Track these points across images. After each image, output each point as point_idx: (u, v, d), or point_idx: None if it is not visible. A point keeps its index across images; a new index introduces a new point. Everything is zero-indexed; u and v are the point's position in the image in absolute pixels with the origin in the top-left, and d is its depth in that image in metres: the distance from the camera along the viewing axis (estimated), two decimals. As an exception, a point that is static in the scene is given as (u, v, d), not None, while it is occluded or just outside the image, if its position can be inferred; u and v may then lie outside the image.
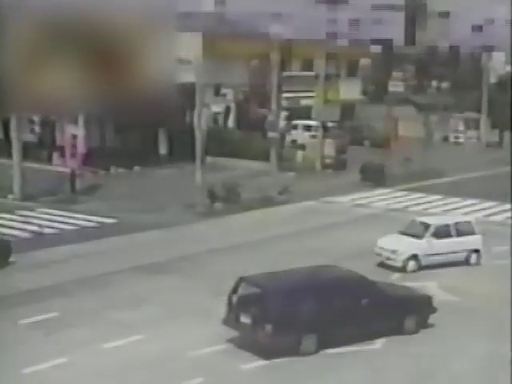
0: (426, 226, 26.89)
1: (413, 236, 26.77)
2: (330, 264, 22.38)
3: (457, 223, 27.43)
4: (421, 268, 26.12)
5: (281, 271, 20.93)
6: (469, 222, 27.70)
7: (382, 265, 26.31)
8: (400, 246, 26.36)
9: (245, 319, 19.13)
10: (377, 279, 21.20)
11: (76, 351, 18.73)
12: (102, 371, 17.65)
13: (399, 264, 25.99)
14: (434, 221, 27.50)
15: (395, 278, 25.04)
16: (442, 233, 26.75)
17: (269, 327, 18.53)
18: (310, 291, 19.50)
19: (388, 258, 26.29)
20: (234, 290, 19.62)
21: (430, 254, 26.25)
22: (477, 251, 27.12)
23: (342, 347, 19.28)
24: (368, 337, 19.75)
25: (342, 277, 20.74)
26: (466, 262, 26.92)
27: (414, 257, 26.12)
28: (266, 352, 18.72)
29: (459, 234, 26.97)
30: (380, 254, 26.59)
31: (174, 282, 24.77)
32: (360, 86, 66.67)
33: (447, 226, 27.03)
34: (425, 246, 26.29)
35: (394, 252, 26.21)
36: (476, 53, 64.81)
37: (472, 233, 27.19)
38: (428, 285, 23.39)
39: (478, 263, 27.05)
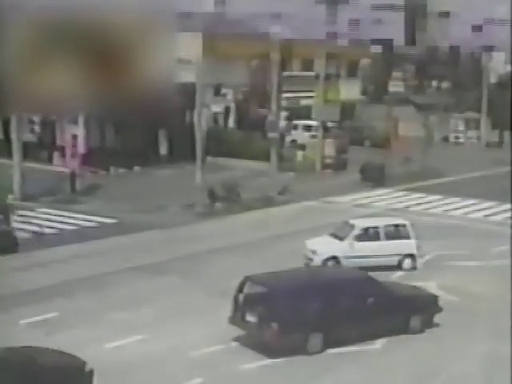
0: (352, 228, 26.38)
1: (338, 238, 26.32)
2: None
3: (388, 226, 26.55)
4: None
5: (287, 270, 20.96)
6: (404, 226, 26.62)
7: (306, 266, 25.74)
8: (320, 246, 26.07)
9: (251, 318, 19.16)
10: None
11: (76, 351, 18.68)
12: (103, 371, 17.63)
13: (318, 264, 25.62)
14: (360, 223, 26.79)
15: (396, 276, 25.05)
16: (370, 235, 26.08)
17: (275, 326, 18.57)
18: (316, 290, 19.56)
19: (309, 259, 25.90)
20: (240, 289, 19.64)
21: (352, 256, 25.41)
22: (411, 256, 26.15)
23: (348, 346, 19.30)
24: (374, 336, 19.78)
25: (348, 276, 20.78)
26: (398, 266, 25.96)
27: (334, 258, 25.56)
28: (272, 351, 18.75)
29: (391, 237, 26.15)
30: (306, 255, 26.22)
31: (174, 282, 24.77)
32: (360, 86, 66.77)
33: (376, 228, 26.29)
34: (346, 247, 25.74)
35: (313, 252, 25.91)
36: (476, 53, 64.80)
37: (406, 237, 26.28)
38: (427, 285, 23.36)
39: (412, 268, 26.02)
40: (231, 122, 54.23)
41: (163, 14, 38.74)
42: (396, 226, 26.87)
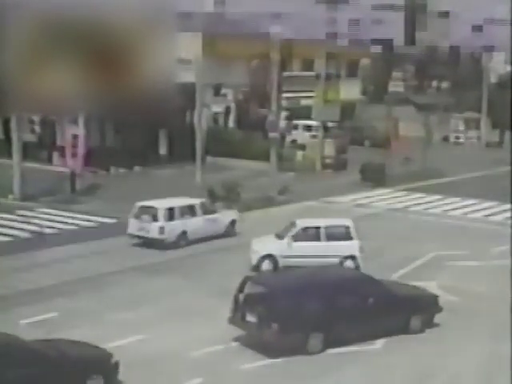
0: (292, 228, 26.31)
1: (279, 237, 26.31)
2: (330, 264, 22.40)
3: (329, 227, 26.23)
4: (278, 269, 25.49)
5: (287, 270, 20.97)
6: (347, 227, 26.23)
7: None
8: (259, 245, 26.18)
9: (251, 318, 19.16)
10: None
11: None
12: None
13: (254, 262, 25.75)
14: (301, 223, 26.72)
15: (396, 276, 25.05)
16: (309, 235, 25.92)
17: (275, 326, 18.58)
18: (316, 290, 19.55)
19: (252, 258, 26.05)
20: (240, 289, 19.65)
21: (289, 256, 25.46)
22: (353, 257, 25.76)
23: (348, 346, 19.30)
24: (374, 336, 19.78)
25: (348, 276, 20.80)
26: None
27: (270, 257, 25.68)
28: (272, 351, 18.75)
29: (332, 238, 25.85)
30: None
31: (175, 281, 24.76)
32: (360, 86, 66.71)
33: (316, 228, 26.10)
34: (284, 246, 25.72)
35: (252, 251, 26.08)
36: (476, 53, 64.83)
37: (348, 238, 25.95)
38: (428, 285, 23.36)
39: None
40: (231, 122, 54.24)
41: (163, 14, 38.72)
42: (338, 226, 26.49)
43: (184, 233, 28.90)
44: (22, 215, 33.41)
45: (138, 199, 36.12)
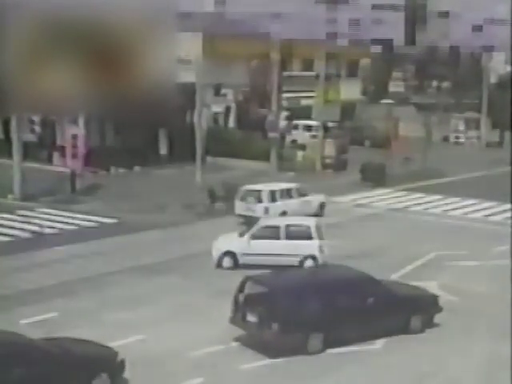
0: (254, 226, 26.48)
1: (241, 235, 26.48)
2: (332, 264, 22.40)
3: (290, 226, 26.13)
4: (238, 266, 25.67)
5: (287, 270, 20.96)
6: (307, 227, 26.11)
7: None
8: (220, 242, 26.39)
9: (251, 318, 19.17)
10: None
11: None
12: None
13: (215, 259, 26.01)
14: (262, 221, 26.85)
15: (396, 276, 25.05)
16: (269, 234, 25.91)
17: (275, 326, 18.58)
18: (317, 290, 19.56)
19: (213, 254, 26.33)
20: (241, 289, 19.65)
21: (248, 254, 25.67)
22: (313, 257, 25.61)
23: (348, 346, 19.31)
24: (374, 336, 19.77)
25: (349, 276, 20.77)
26: (299, 267, 25.24)
27: (230, 254, 25.89)
28: (273, 351, 18.75)
29: (292, 237, 25.78)
30: None
31: (175, 281, 24.77)
32: (360, 86, 66.72)
33: (276, 227, 26.10)
34: (243, 244, 25.86)
35: (214, 247, 26.31)
36: (476, 53, 64.80)
37: (309, 237, 25.80)
38: (428, 285, 23.37)
39: None
40: (231, 122, 54.26)
41: (163, 14, 38.73)
42: (298, 226, 26.38)
43: (284, 213, 31.71)
44: (22, 215, 33.42)
45: (138, 199, 36.27)
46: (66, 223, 32.33)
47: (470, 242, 30.08)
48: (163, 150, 48.42)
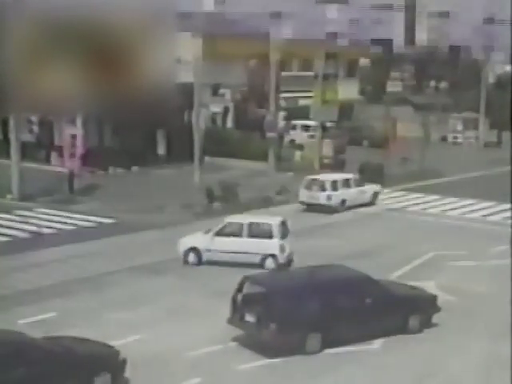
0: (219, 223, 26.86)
1: (207, 232, 26.87)
2: (330, 264, 22.39)
3: (252, 224, 26.38)
4: (202, 262, 26.20)
5: (285, 270, 20.96)
6: (269, 225, 26.29)
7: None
8: (186, 238, 26.85)
9: (249, 318, 19.17)
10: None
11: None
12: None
13: (181, 254, 26.45)
14: (227, 219, 27.12)
15: (394, 276, 25.06)
16: (232, 231, 26.26)
17: (273, 326, 18.57)
18: (315, 290, 19.54)
19: (179, 250, 26.77)
20: (239, 289, 19.65)
21: (211, 250, 26.11)
22: (273, 256, 25.80)
23: (346, 346, 19.30)
24: (372, 336, 19.77)
25: (347, 276, 20.76)
26: (260, 265, 25.56)
27: (194, 250, 26.31)
28: (271, 351, 18.75)
29: (253, 235, 26.04)
30: None
31: (173, 281, 24.77)
32: (358, 86, 66.74)
33: (239, 225, 26.38)
34: (207, 240, 26.23)
35: (180, 243, 26.68)
36: (475, 53, 64.88)
37: (270, 236, 25.96)
38: (426, 285, 23.37)
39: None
40: (229, 122, 54.27)
41: (163, 14, 38.76)
42: (261, 224, 26.59)
43: (343, 201, 35.49)
44: (20, 215, 33.40)
45: (137, 199, 36.25)
46: (64, 223, 32.31)
47: (469, 242, 30.09)
48: (161, 150, 48.43)
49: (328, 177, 36.50)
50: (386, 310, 20.08)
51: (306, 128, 52.32)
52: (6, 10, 34.71)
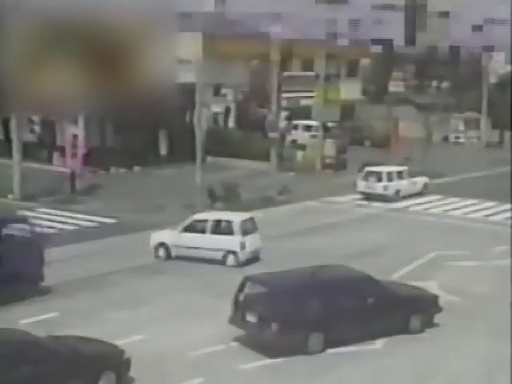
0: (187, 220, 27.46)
1: (176, 228, 27.45)
2: (332, 264, 22.38)
3: (215, 221, 26.87)
4: (170, 257, 26.87)
5: (287, 270, 20.94)
6: (229, 222, 26.65)
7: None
8: (157, 233, 27.59)
9: (251, 318, 19.15)
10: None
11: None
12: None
13: (151, 248, 27.19)
14: (195, 216, 27.69)
15: (396, 276, 25.05)
16: (197, 228, 26.86)
17: (275, 326, 18.56)
18: (316, 290, 19.53)
19: (150, 244, 27.48)
20: (241, 289, 19.64)
21: (178, 246, 26.77)
22: (234, 253, 26.23)
23: (348, 346, 19.30)
24: (374, 336, 19.76)
25: (348, 276, 20.76)
26: (222, 261, 26.21)
27: (163, 245, 27.05)
28: (273, 351, 18.74)
29: (216, 232, 26.55)
30: None
31: (175, 281, 24.77)
32: (360, 86, 66.70)
33: (204, 221, 26.88)
34: (175, 236, 26.89)
35: (151, 238, 27.41)
36: (476, 53, 64.81)
37: (230, 233, 26.33)
38: (427, 285, 23.37)
39: (235, 266, 26.02)
40: (231, 122, 54.25)
41: (163, 14, 38.75)
42: (223, 221, 27.01)
43: (398, 191, 38.57)
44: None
45: (138, 199, 36.26)
46: (66, 223, 32.33)
47: (470, 242, 30.08)
48: (163, 150, 48.43)
49: (384, 168, 39.22)
50: (387, 310, 20.06)
51: (308, 128, 52.30)
52: (7, 10, 34.73)
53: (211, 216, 27.62)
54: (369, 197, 38.26)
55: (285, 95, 50.49)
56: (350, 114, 59.77)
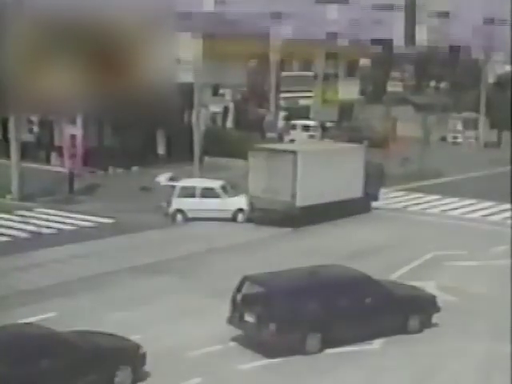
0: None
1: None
2: (330, 264, 22.38)
3: (204, 188, 32.67)
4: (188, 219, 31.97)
5: (285, 270, 20.93)
6: (212, 189, 32.68)
7: None
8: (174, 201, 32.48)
9: (249, 318, 19.14)
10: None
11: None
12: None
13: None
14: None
15: (394, 276, 25.05)
16: (187, 193, 32.56)
17: (273, 326, 18.55)
18: (315, 290, 19.51)
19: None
20: (239, 289, 19.64)
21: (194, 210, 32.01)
22: (242, 210, 32.13)
23: (346, 346, 19.30)
24: (372, 336, 19.76)
25: (346, 276, 20.75)
26: (233, 218, 32.13)
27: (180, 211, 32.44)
28: (271, 351, 18.74)
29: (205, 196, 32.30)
30: None
31: (173, 282, 24.76)
32: (359, 85, 66.73)
33: (192, 188, 32.75)
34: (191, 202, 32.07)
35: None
36: (475, 53, 64.89)
37: (216, 196, 32.24)
38: (426, 285, 23.37)
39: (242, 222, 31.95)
40: (229, 122, 54.25)
41: (163, 14, 38.75)
42: (208, 188, 32.63)
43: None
44: (20, 215, 33.40)
45: (136, 199, 36.24)
46: (64, 223, 32.32)
47: (469, 242, 30.09)
48: (161, 150, 48.42)
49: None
50: (385, 309, 20.06)
51: (306, 128, 52.28)
52: (6, 9, 34.71)
53: (199, 183, 33.25)
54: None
55: (283, 95, 50.52)
56: (348, 113, 59.79)
